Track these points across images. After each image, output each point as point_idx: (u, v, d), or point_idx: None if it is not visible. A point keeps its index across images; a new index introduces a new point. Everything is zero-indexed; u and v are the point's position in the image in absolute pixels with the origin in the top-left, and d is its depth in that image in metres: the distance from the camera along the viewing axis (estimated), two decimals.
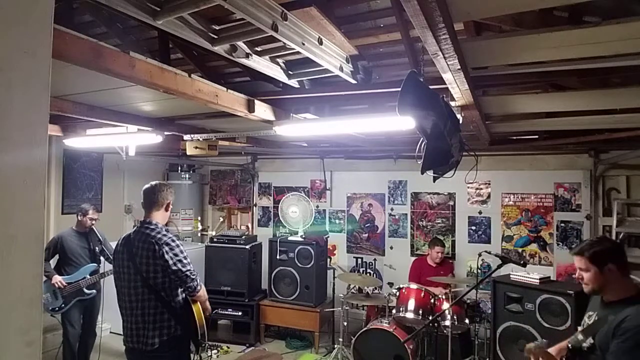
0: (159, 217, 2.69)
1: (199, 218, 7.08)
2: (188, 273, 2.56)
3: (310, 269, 5.25)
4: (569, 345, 2.08)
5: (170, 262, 2.51)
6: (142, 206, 2.72)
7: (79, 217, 4.24)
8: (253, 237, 5.79)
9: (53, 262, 4.24)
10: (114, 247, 4.34)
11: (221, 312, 5.43)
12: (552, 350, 2.13)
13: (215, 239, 5.62)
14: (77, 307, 4.18)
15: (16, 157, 0.79)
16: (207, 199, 7.53)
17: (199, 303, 2.73)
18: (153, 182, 2.76)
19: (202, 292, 2.70)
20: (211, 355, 4.96)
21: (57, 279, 4.02)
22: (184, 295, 2.68)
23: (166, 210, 2.72)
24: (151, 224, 2.63)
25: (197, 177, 7.37)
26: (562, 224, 5.30)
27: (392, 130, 3.40)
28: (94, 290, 4.28)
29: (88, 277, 4.19)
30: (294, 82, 2.81)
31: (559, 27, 1.76)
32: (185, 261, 2.57)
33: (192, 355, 2.76)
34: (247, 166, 7.09)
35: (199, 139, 4.02)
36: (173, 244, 2.57)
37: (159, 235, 2.57)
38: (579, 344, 2.01)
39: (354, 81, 2.70)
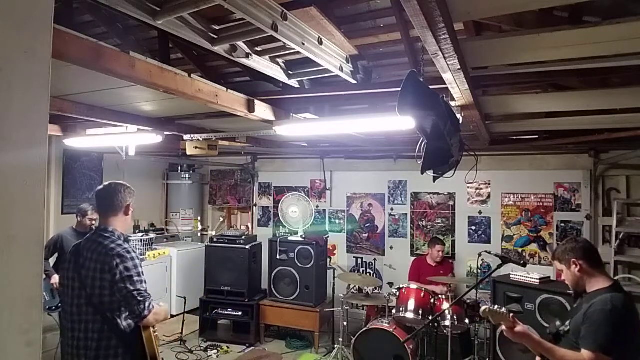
0: (118, 223, 2.30)
1: (199, 218, 7.09)
2: (135, 293, 2.11)
3: (310, 269, 5.25)
4: (549, 332, 2.28)
5: (118, 276, 2.10)
6: (97, 211, 2.37)
7: (79, 218, 4.24)
8: (253, 237, 5.80)
9: (52, 261, 4.24)
10: None
11: (221, 312, 5.43)
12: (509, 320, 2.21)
13: (215, 239, 5.62)
14: None
15: (16, 157, 0.79)
16: (207, 199, 7.53)
17: (151, 329, 2.25)
18: (108, 182, 2.40)
19: (152, 318, 2.19)
20: (211, 355, 4.96)
21: (56, 279, 4.02)
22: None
23: (126, 214, 2.34)
24: (106, 231, 2.23)
25: (197, 177, 7.37)
26: (562, 224, 5.30)
27: (392, 130, 3.40)
28: None
29: None
30: (294, 82, 2.81)
31: (559, 27, 1.76)
32: (136, 278, 2.14)
33: None
34: (247, 166, 7.09)
35: (199, 139, 4.02)
36: (127, 256, 2.16)
37: (112, 245, 2.17)
38: (555, 329, 2.22)
39: (354, 81, 2.70)
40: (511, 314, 2.18)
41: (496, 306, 2.28)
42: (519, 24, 2.18)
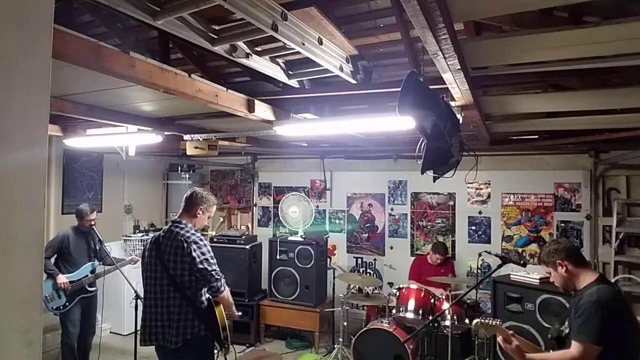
0: (188, 219, 2.78)
1: None
2: (213, 272, 2.60)
3: (310, 269, 5.25)
4: (550, 337, 2.32)
5: (197, 260, 2.55)
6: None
7: (78, 220, 4.22)
8: (253, 237, 5.80)
9: (52, 260, 4.23)
10: (109, 249, 4.37)
11: None
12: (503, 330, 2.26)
13: (215, 239, 5.62)
14: (78, 305, 4.18)
15: (16, 157, 0.79)
16: None
17: (222, 305, 2.75)
18: (194, 189, 2.87)
19: (227, 294, 2.72)
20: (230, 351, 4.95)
21: (63, 280, 4.02)
22: (207, 295, 2.70)
23: (193, 216, 2.79)
24: (181, 223, 2.71)
25: (197, 177, 7.37)
26: (562, 224, 5.31)
27: (392, 130, 3.40)
28: (95, 288, 4.29)
29: (89, 275, 4.20)
30: (294, 82, 2.81)
31: (559, 27, 1.76)
32: (212, 260, 2.62)
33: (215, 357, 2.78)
34: (247, 166, 7.09)
35: (199, 139, 4.02)
36: (201, 242, 2.63)
37: (187, 234, 2.62)
38: (556, 332, 2.25)
39: (354, 81, 2.70)
40: (510, 331, 2.20)
41: (488, 319, 2.31)
42: (519, 24, 2.17)
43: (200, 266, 2.56)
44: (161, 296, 2.61)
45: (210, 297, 2.69)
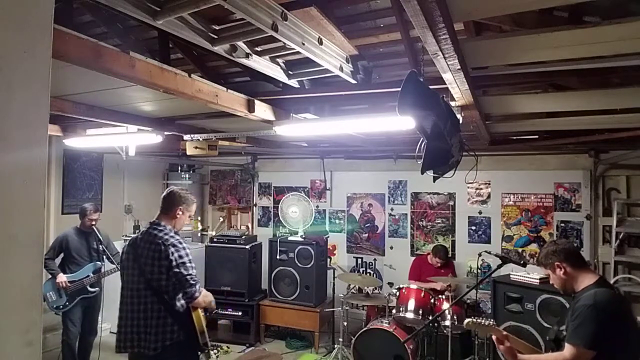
0: (168, 221, 2.67)
1: (199, 218, 7.07)
2: (188, 277, 2.49)
3: (310, 269, 5.25)
4: (548, 339, 2.31)
5: (174, 263, 2.46)
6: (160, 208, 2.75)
7: (80, 218, 4.24)
8: (253, 237, 5.79)
9: (57, 261, 4.24)
10: (117, 247, 4.38)
11: (221, 312, 5.42)
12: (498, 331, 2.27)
13: (215, 239, 5.62)
14: (79, 305, 4.19)
15: (16, 157, 0.79)
16: (207, 199, 7.53)
17: (199, 310, 2.66)
18: (172, 189, 2.76)
19: (202, 299, 2.60)
20: (211, 355, 4.95)
21: (62, 279, 4.03)
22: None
23: (172, 217, 2.68)
24: (159, 225, 2.61)
25: (197, 177, 7.37)
26: (562, 224, 5.30)
27: (392, 130, 3.40)
28: (98, 289, 4.30)
29: (91, 275, 4.21)
30: (294, 82, 2.80)
31: (559, 27, 1.76)
32: (188, 264, 2.52)
33: None
34: (247, 166, 7.09)
35: (199, 139, 4.02)
36: (180, 245, 2.53)
37: (166, 237, 2.54)
38: (555, 334, 2.24)
39: (354, 81, 2.70)
40: (504, 332, 2.19)
41: (481, 318, 2.30)
42: (519, 24, 2.17)
43: (176, 270, 2.46)
44: (138, 301, 2.51)
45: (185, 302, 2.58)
